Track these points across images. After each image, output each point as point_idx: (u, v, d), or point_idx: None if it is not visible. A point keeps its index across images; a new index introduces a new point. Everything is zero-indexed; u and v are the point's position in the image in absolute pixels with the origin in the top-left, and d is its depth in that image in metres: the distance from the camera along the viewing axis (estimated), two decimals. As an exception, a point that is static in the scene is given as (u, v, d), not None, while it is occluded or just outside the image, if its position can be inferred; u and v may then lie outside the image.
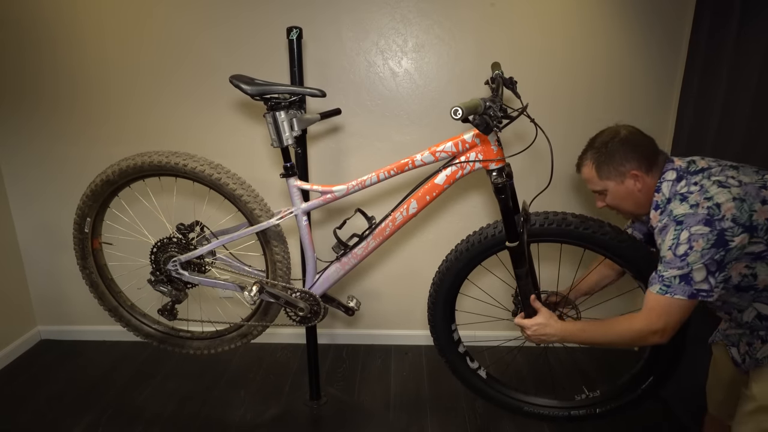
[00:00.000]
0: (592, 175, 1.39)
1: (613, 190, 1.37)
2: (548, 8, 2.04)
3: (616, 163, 1.33)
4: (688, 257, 1.16)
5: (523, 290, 1.50)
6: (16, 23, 2.13)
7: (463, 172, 1.48)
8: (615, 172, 1.34)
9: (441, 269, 1.62)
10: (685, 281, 1.18)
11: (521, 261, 1.47)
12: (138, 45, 2.14)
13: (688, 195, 1.22)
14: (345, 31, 2.10)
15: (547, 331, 1.42)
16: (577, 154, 1.44)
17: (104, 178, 1.64)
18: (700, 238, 1.15)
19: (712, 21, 1.84)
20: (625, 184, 1.34)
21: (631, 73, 2.10)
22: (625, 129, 1.36)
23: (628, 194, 1.35)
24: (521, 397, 1.74)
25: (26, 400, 2.08)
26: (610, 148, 1.34)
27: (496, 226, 1.53)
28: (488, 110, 1.27)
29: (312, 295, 1.68)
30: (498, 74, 1.49)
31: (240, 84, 1.49)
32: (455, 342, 1.73)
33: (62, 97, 2.21)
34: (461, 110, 1.19)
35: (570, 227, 1.44)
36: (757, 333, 1.29)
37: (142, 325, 1.88)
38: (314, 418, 1.98)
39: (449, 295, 1.64)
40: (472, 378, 1.76)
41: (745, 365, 1.32)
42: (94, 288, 1.84)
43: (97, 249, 1.81)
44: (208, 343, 1.83)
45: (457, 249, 1.59)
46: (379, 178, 1.53)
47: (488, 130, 1.26)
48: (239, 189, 1.57)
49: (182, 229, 1.68)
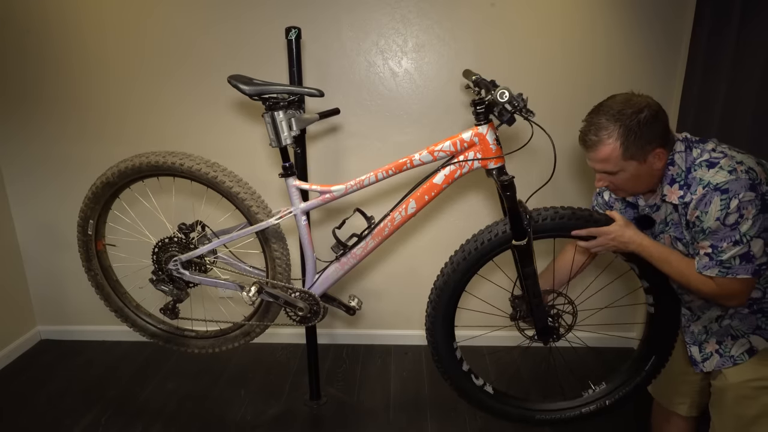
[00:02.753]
0: (614, 155, 1.17)
1: (633, 170, 1.20)
2: (548, 8, 2.04)
3: (645, 140, 1.15)
4: (739, 226, 1.10)
5: (531, 290, 1.48)
6: (18, 23, 2.13)
7: (462, 172, 1.47)
8: (641, 151, 1.16)
9: (438, 285, 1.57)
10: (746, 260, 1.12)
11: (529, 260, 1.45)
12: (138, 45, 2.14)
13: (715, 161, 1.14)
14: (345, 31, 2.10)
15: (627, 233, 1.28)
16: (577, 156, 1.40)
17: (104, 180, 1.65)
18: (749, 205, 1.08)
19: (713, 21, 1.84)
20: (647, 164, 1.19)
21: (631, 74, 2.09)
22: (645, 98, 1.19)
23: (647, 174, 1.21)
24: (530, 405, 1.69)
25: (26, 400, 2.08)
26: (642, 123, 1.14)
27: (491, 230, 1.48)
28: (517, 99, 1.29)
29: (311, 295, 1.68)
30: (478, 77, 1.47)
31: (238, 84, 1.49)
32: (459, 361, 1.68)
33: (62, 97, 2.22)
34: (507, 92, 1.25)
35: (569, 221, 1.40)
36: (728, 329, 1.29)
37: (147, 325, 1.89)
38: (314, 418, 1.98)
39: (448, 310, 1.59)
40: (478, 395, 1.70)
41: (706, 365, 1.33)
42: (99, 289, 1.85)
43: (101, 250, 1.83)
44: (212, 342, 1.84)
45: (453, 261, 1.53)
46: (377, 177, 1.52)
47: (511, 121, 1.29)
48: (236, 186, 1.58)
49: (184, 229, 1.69)
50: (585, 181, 2.20)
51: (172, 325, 1.90)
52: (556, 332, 1.56)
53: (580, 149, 1.40)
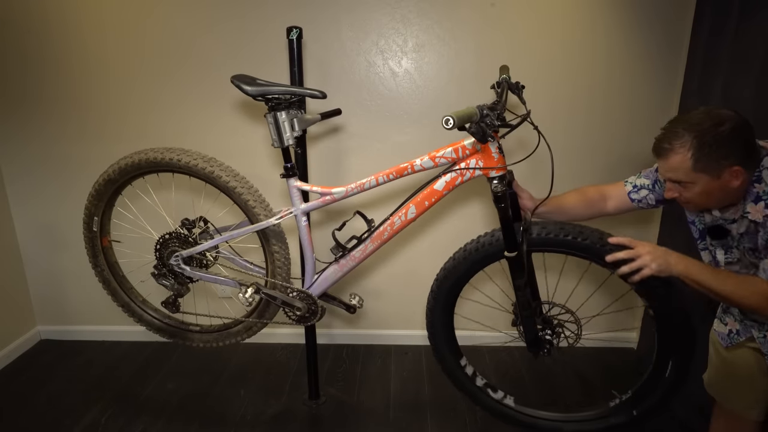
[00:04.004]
0: (684, 166, 1.14)
1: (704, 185, 1.15)
2: (549, 8, 2.04)
3: (720, 155, 1.10)
4: None
5: (521, 302, 1.48)
6: (18, 22, 2.13)
7: (463, 179, 1.46)
8: (715, 165, 1.11)
9: (430, 307, 1.62)
10: None
11: (520, 272, 1.45)
12: (139, 44, 2.14)
13: None
14: (345, 31, 2.10)
15: (669, 255, 1.22)
16: (577, 157, 1.40)
17: (106, 177, 1.69)
18: None
19: (713, 22, 1.84)
20: (720, 180, 1.13)
21: (631, 74, 2.09)
22: (730, 113, 1.13)
23: (720, 190, 1.15)
24: (557, 416, 1.68)
25: (26, 400, 2.08)
26: (718, 137, 1.10)
27: (491, 236, 1.49)
28: (485, 118, 1.23)
29: (309, 295, 1.69)
30: (505, 78, 1.47)
31: (241, 84, 1.49)
32: (470, 377, 1.70)
33: (62, 97, 2.21)
34: (452, 120, 1.12)
35: (571, 237, 1.38)
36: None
37: (153, 319, 1.92)
38: (313, 417, 1.98)
39: (447, 333, 1.64)
40: (498, 408, 1.71)
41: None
42: (106, 285, 1.89)
43: (106, 247, 1.86)
44: (216, 336, 1.86)
45: (445, 273, 1.56)
46: (378, 181, 1.52)
47: (484, 139, 1.22)
48: (233, 181, 1.59)
49: (186, 225, 1.71)
50: (591, 183, 2.18)
51: (177, 319, 1.93)
52: (550, 344, 1.56)
53: (580, 151, 1.40)
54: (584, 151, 2.15)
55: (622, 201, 1.49)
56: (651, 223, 2.28)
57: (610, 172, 2.15)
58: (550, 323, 1.58)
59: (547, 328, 1.57)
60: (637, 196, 1.47)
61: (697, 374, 1.57)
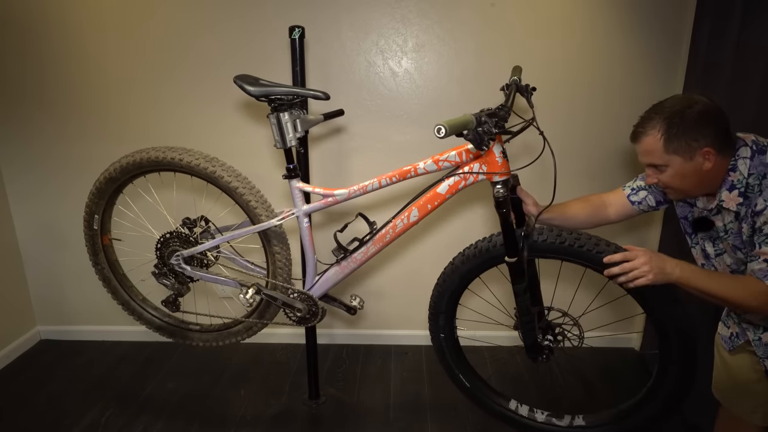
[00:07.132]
0: (656, 147, 1.19)
1: (677, 167, 1.19)
2: (548, 9, 2.04)
3: (689, 136, 1.15)
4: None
5: (520, 307, 1.48)
6: (18, 23, 2.13)
7: (466, 183, 1.45)
8: (686, 146, 1.16)
9: (431, 329, 1.64)
10: None
11: (520, 277, 1.44)
12: (139, 43, 2.13)
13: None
14: (345, 31, 2.10)
15: (665, 263, 1.23)
16: (578, 158, 1.39)
17: (107, 176, 1.69)
18: None
19: (713, 23, 1.84)
20: (693, 162, 1.17)
21: (631, 74, 2.09)
22: (701, 98, 1.17)
23: (694, 173, 1.19)
24: (577, 422, 1.65)
25: (26, 400, 2.08)
26: (686, 118, 1.15)
27: (488, 241, 1.49)
28: (482, 125, 1.21)
29: (310, 297, 1.69)
30: (515, 80, 1.45)
31: (243, 85, 1.48)
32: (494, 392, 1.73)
33: (63, 97, 2.21)
34: (444, 129, 1.08)
35: (569, 245, 1.37)
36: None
37: (153, 318, 1.92)
38: (313, 417, 1.98)
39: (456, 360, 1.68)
40: (516, 418, 1.72)
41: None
42: (106, 283, 1.89)
43: (107, 245, 1.86)
44: (216, 336, 1.86)
45: (441, 282, 1.57)
46: (380, 184, 1.52)
47: (481, 146, 1.21)
48: (234, 181, 1.59)
49: (187, 224, 1.71)
50: (591, 185, 2.21)
51: (177, 318, 1.93)
52: (549, 350, 1.57)
53: (580, 152, 1.39)
54: (584, 152, 2.15)
55: (623, 206, 1.50)
56: (652, 228, 2.29)
57: (609, 173, 2.15)
58: (551, 329, 1.58)
59: (549, 333, 1.58)
60: (636, 198, 1.47)
61: (706, 375, 1.57)
